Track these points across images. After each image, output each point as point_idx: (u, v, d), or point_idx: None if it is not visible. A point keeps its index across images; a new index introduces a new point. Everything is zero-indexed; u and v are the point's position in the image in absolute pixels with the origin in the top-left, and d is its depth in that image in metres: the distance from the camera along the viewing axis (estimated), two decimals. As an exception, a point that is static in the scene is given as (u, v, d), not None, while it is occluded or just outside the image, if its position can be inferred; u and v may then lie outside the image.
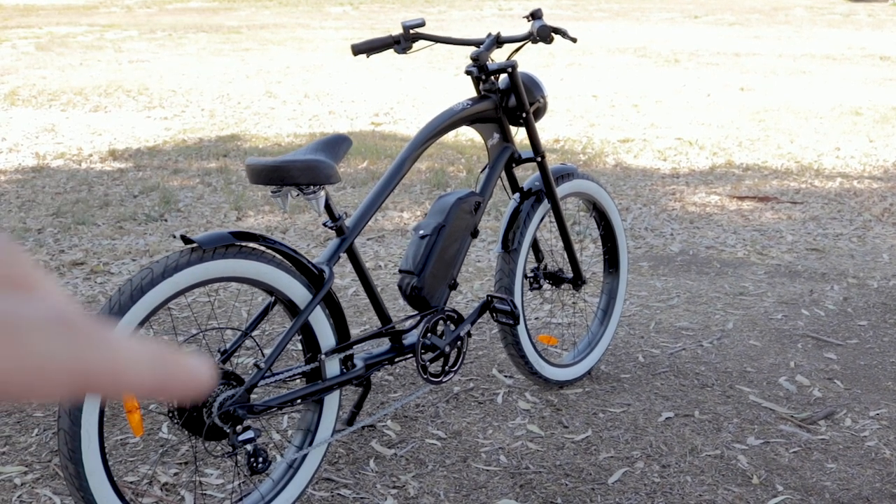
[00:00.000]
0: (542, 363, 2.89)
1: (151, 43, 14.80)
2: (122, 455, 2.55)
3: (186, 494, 2.38)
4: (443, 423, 2.76)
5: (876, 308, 3.79)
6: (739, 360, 3.24)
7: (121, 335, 0.31)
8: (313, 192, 2.18)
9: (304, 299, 2.16)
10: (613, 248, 3.15)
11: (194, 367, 0.32)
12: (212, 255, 2.00)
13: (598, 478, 2.46)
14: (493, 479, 2.45)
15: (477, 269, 4.26)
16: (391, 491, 2.39)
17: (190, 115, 8.60)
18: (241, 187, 5.66)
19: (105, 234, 4.72)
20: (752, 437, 2.70)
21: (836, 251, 4.61)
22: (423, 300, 2.49)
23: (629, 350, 3.32)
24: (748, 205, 5.46)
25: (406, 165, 2.44)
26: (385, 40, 2.58)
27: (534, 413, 2.83)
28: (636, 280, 4.11)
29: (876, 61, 12.28)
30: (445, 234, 2.50)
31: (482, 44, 2.62)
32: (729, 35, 15.72)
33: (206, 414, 2.03)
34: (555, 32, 2.61)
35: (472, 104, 2.60)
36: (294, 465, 2.26)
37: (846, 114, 8.41)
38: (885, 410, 2.89)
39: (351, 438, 2.65)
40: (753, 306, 3.78)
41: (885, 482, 2.47)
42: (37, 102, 9.21)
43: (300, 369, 2.22)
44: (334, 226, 2.28)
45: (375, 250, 4.54)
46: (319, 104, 9.22)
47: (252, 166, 2.16)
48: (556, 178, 2.85)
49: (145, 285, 1.92)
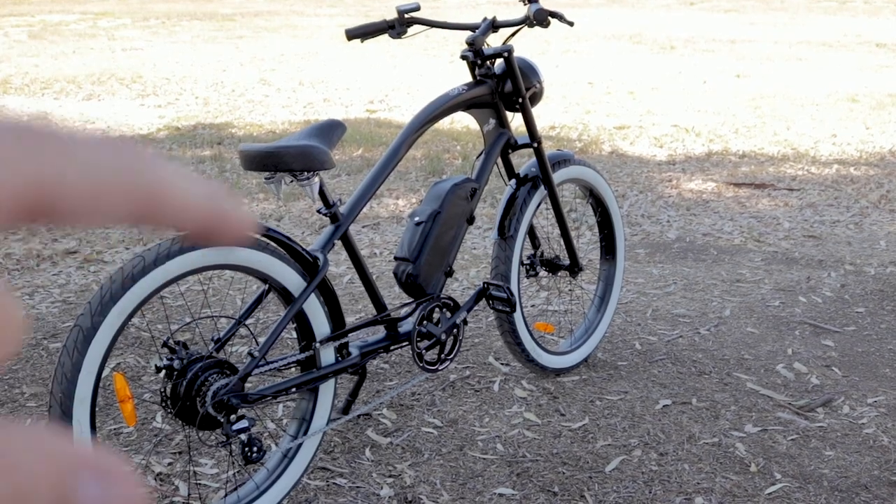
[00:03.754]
0: (538, 351, 2.87)
1: (145, 31, 14.72)
2: (115, 445, 2.52)
3: (181, 484, 2.36)
4: (439, 411, 2.74)
5: (873, 295, 3.77)
6: (737, 348, 3.22)
7: (176, 167, 0.30)
8: (307, 178, 2.15)
9: (299, 287, 2.14)
10: (610, 234, 3.12)
11: (240, 211, 0.31)
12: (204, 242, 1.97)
13: (596, 466, 2.45)
14: (489, 468, 2.43)
15: (473, 256, 4.24)
16: (387, 480, 2.37)
17: (184, 102, 8.55)
18: (235, 175, 5.63)
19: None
20: (749, 424, 2.68)
21: (833, 238, 4.60)
22: (419, 287, 2.47)
23: (626, 337, 3.30)
24: (745, 192, 5.44)
25: (401, 151, 2.41)
26: (379, 25, 2.55)
27: (530, 401, 2.81)
28: (633, 267, 4.09)
29: (872, 48, 12.25)
30: (441, 220, 2.47)
31: (478, 28, 2.59)
32: (725, 21, 15.68)
33: (200, 403, 2.00)
34: (551, 16, 2.58)
35: (468, 89, 2.57)
36: (289, 455, 2.24)
37: (842, 100, 8.39)
38: (882, 397, 2.87)
39: (347, 427, 2.63)
40: (750, 293, 3.76)
41: (884, 469, 2.46)
42: (29, 91, 9.15)
43: (295, 358, 2.20)
44: (328, 213, 2.26)
45: (371, 238, 4.51)
46: (314, 91, 9.18)
47: (245, 152, 2.13)
48: (553, 164, 2.82)
49: (136, 273, 1.89)
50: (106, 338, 1.86)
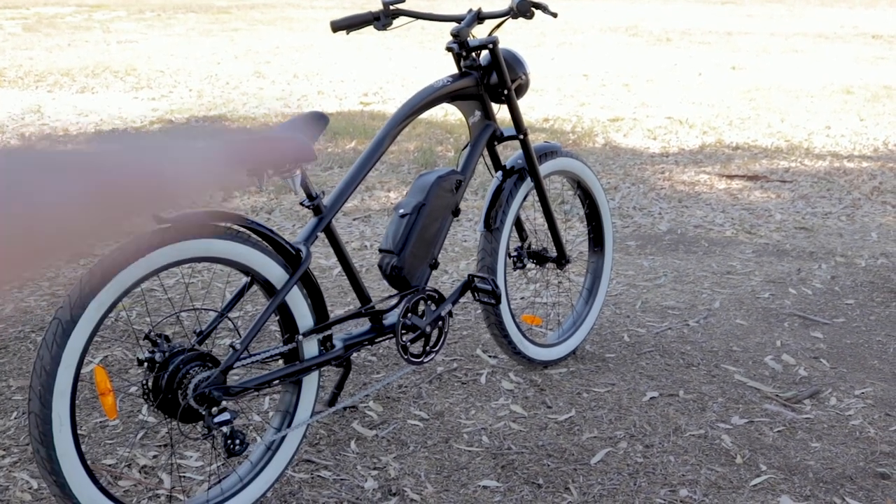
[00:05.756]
0: (525, 343, 2.87)
1: (140, 23, 14.70)
2: (100, 438, 2.52)
3: (165, 477, 2.35)
4: (425, 403, 2.74)
5: (863, 287, 3.77)
6: (725, 340, 3.22)
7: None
8: (289, 170, 2.15)
9: (281, 279, 2.13)
10: (598, 226, 3.11)
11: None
12: (185, 234, 1.96)
13: (581, 458, 2.45)
14: (474, 460, 2.43)
15: (463, 248, 4.23)
16: (372, 472, 2.37)
17: (177, 95, 8.54)
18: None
19: (89, 216, 4.67)
20: (736, 416, 2.68)
21: (825, 230, 4.59)
22: (404, 280, 2.46)
23: (615, 329, 3.30)
24: (737, 184, 5.43)
25: (385, 143, 2.40)
26: (364, 16, 2.54)
27: (517, 393, 2.81)
28: (623, 259, 4.09)
29: (868, 40, 12.23)
30: (426, 212, 2.47)
31: (463, 20, 2.58)
32: (721, 13, 15.65)
33: (182, 396, 2.00)
34: (535, 7, 2.56)
35: (453, 81, 2.56)
36: (273, 447, 2.23)
37: (837, 92, 8.38)
38: (870, 389, 2.87)
39: (332, 419, 2.63)
40: (741, 285, 3.76)
41: (869, 461, 2.46)
42: (23, 83, 9.14)
43: (278, 350, 2.19)
44: (311, 205, 2.25)
45: (361, 230, 4.50)
46: (308, 84, 9.17)
47: (227, 144, 2.12)
48: (540, 156, 2.81)
49: (117, 266, 1.88)
50: (85, 331, 1.85)
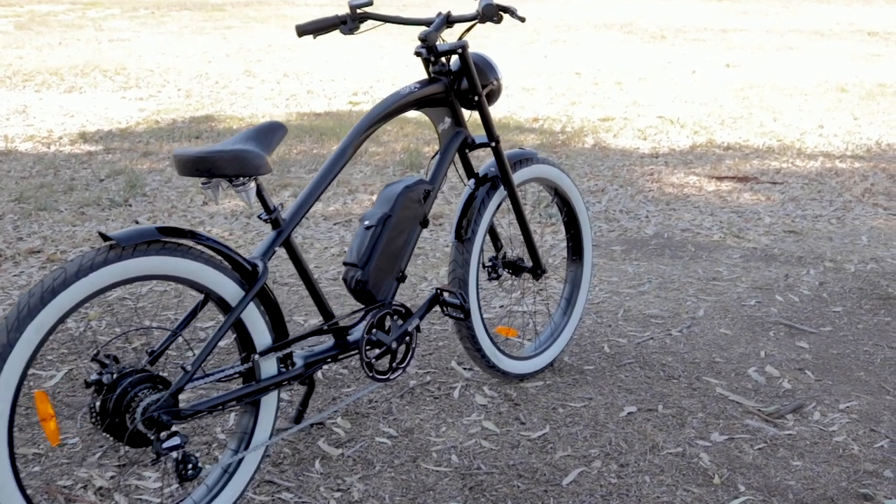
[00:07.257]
0: (499, 356, 2.78)
1: (133, 21, 14.60)
2: (58, 458, 2.44)
3: (121, 499, 2.27)
4: (395, 419, 2.65)
5: (852, 293, 3.68)
6: (708, 350, 3.13)
7: None
8: (242, 183, 2.06)
9: (236, 296, 2.04)
10: (577, 235, 3.03)
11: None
12: (132, 252, 1.88)
13: (553, 479, 2.36)
14: (442, 481, 2.35)
15: (444, 254, 4.14)
16: (335, 494, 2.28)
17: (166, 95, 8.45)
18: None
19: (66, 221, 4.59)
20: (716, 432, 2.60)
21: (815, 233, 4.51)
22: (369, 294, 2.37)
23: (595, 340, 3.21)
24: (727, 185, 5.34)
25: (348, 153, 2.31)
26: (331, 20, 2.45)
27: (490, 409, 2.72)
28: (607, 265, 4.00)
29: (864, 37, 12.14)
30: (391, 224, 2.38)
31: (432, 23, 2.49)
32: (717, 10, 15.55)
33: (130, 419, 1.91)
34: (502, 11, 2.47)
35: (421, 87, 2.47)
36: (229, 470, 2.15)
37: (831, 90, 8.29)
38: (855, 403, 2.78)
39: (298, 437, 2.54)
40: (726, 292, 3.67)
41: (852, 481, 2.37)
42: (10, 83, 9.05)
43: (234, 370, 2.10)
44: (269, 218, 2.16)
45: (342, 235, 4.42)
46: (298, 83, 9.08)
47: (179, 157, 2.03)
48: (514, 163, 2.73)
49: (57, 286, 1.79)
50: (23, 356, 1.76)
